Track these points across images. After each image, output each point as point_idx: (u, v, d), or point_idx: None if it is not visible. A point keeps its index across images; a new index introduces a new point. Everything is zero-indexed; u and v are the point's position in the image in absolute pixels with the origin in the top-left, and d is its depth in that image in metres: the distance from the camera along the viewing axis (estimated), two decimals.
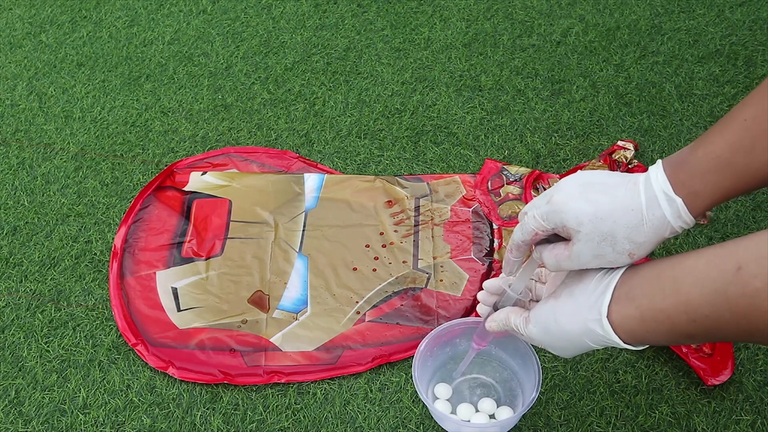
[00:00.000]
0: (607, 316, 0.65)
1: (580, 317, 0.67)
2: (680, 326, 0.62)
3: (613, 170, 1.13)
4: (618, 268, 0.67)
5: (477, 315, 1.00)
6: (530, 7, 1.46)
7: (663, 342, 0.66)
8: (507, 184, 1.14)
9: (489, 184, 1.15)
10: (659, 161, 0.66)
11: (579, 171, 0.68)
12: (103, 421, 0.95)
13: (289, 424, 0.93)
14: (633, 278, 0.66)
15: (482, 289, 0.81)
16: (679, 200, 0.64)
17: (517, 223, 1.14)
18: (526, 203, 1.11)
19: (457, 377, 0.91)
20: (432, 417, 0.92)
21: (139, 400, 0.96)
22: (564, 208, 0.65)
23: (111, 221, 1.16)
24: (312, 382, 0.97)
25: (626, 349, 0.67)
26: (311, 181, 1.18)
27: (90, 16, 1.53)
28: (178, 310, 1.04)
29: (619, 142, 1.18)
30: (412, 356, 0.94)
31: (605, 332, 0.66)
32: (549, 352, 0.97)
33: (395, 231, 1.11)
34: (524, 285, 0.76)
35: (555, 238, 0.70)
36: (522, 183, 1.14)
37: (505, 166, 1.16)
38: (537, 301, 0.78)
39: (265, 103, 1.33)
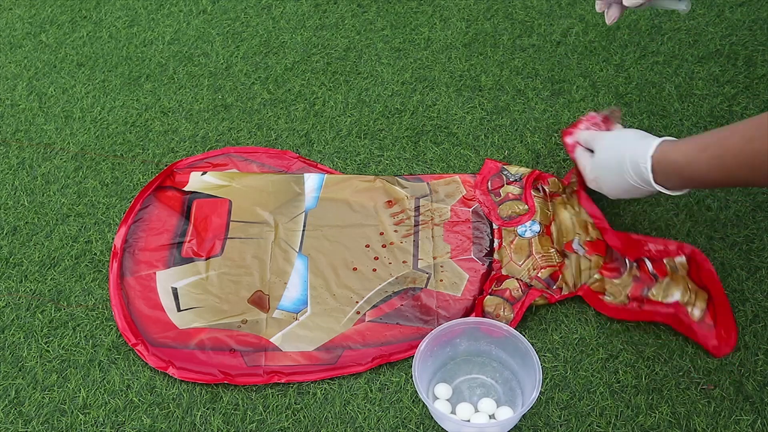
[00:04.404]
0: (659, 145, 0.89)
1: (639, 135, 0.94)
2: (711, 145, 0.84)
3: None
4: None
5: (477, 315, 1.00)
6: (530, 7, 1.46)
7: (695, 166, 0.86)
8: (507, 184, 1.14)
9: (489, 184, 1.15)
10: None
11: None
12: (103, 421, 0.95)
13: (289, 424, 0.93)
14: None
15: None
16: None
17: (517, 223, 1.14)
18: (527, 203, 1.11)
19: None
20: (432, 417, 0.92)
21: (139, 400, 0.96)
22: None
23: (111, 221, 1.16)
24: (312, 382, 0.97)
25: (659, 191, 0.91)
26: (311, 181, 1.18)
27: (90, 16, 1.53)
28: (178, 310, 1.04)
29: None
30: (412, 356, 0.94)
31: (647, 144, 0.90)
32: (549, 353, 0.97)
33: (395, 231, 1.11)
34: None
35: None
36: (522, 183, 1.14)
37: (505, 166, 1.16)
38: None
39: (265, 103, 1.33)
